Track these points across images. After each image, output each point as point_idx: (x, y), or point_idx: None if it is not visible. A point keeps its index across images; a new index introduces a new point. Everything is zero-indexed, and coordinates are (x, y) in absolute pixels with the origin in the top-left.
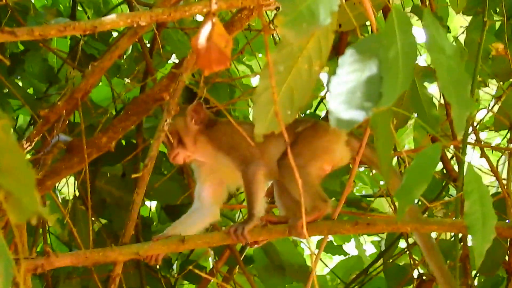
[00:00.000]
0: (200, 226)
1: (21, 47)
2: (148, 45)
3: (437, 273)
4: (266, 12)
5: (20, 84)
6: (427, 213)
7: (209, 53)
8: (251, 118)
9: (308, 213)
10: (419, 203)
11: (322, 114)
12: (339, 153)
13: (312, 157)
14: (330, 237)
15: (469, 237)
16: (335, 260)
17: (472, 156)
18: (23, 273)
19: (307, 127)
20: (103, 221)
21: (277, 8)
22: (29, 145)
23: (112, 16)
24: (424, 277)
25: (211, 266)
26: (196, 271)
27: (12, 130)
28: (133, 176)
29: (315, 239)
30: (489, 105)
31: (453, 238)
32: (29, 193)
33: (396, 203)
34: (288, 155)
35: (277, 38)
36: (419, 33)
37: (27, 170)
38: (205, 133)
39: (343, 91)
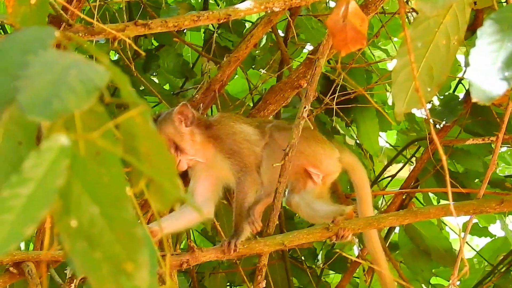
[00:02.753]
0: (192, 222)
1: (155, 43)
2: (282, 35)
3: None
4: None
5: (156, 80)
6: None
7: (344, 33)
8: (389, 103)
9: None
10: None
11: (461, 95)
12: (331, 167)
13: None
14: (475, 219)
15: None
16: (479, 242)
17: None
18: (169, 268)
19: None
20: None
21: None
22: None
23: (246, 3)
24: None
25: (356, 255)
26: (344, 253)
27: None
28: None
29: (460, 222)
30: None
31: None
32: (171, 178)
33: None
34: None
35: (412, 20)
36: None
37: (167, 155)
38: (206, 133)
39: (483, 62)
